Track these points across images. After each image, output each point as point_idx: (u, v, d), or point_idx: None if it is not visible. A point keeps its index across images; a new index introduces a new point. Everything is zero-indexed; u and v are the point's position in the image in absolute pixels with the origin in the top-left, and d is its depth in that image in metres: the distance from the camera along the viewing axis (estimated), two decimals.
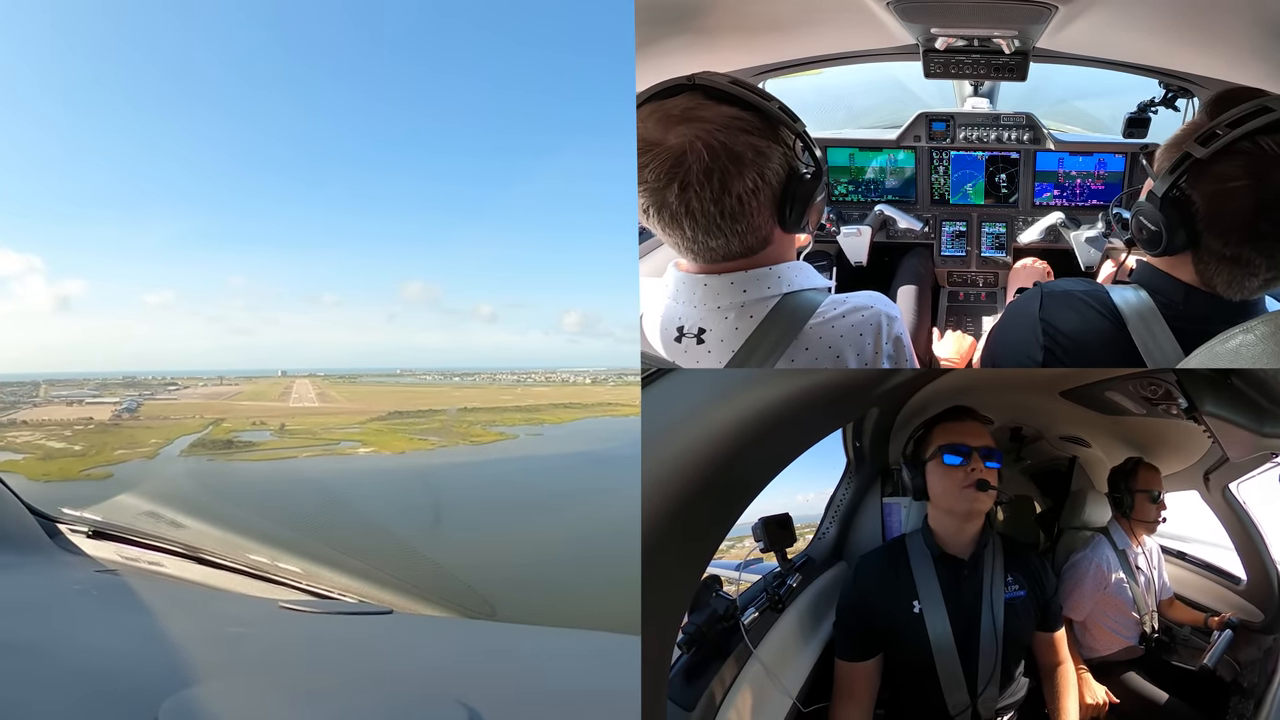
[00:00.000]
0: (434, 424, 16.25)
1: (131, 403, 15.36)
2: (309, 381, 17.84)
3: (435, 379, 19.04)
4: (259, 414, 16.02)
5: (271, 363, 20.90)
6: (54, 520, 1.90)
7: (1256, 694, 1.45)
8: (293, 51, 34.71)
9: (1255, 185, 1.09)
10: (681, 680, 1.16)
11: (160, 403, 16.03)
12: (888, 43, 2.10)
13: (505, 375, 18.75)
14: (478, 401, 17.56)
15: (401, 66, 38.03)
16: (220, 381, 17.49)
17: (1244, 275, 1.15)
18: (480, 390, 18.36)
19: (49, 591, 1.50)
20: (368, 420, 16.15)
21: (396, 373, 19.46)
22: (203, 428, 15.20)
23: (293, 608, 1.49)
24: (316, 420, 16.14)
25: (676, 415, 0.89)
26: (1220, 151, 1.10)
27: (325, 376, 18.22)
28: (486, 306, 30.86)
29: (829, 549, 1.53)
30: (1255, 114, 1.10)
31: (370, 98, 35.21)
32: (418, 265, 34.43)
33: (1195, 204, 1.13)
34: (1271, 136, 1.08)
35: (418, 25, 40.00)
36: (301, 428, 15.67)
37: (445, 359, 27.05)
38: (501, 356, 34.66)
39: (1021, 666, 1.43)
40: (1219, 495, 1.62)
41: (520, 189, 36.60)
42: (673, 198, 1.13)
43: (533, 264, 40.18)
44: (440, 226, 35.40)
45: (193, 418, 15.65)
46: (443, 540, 7.09)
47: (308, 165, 33.82)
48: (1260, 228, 1.10)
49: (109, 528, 1.90)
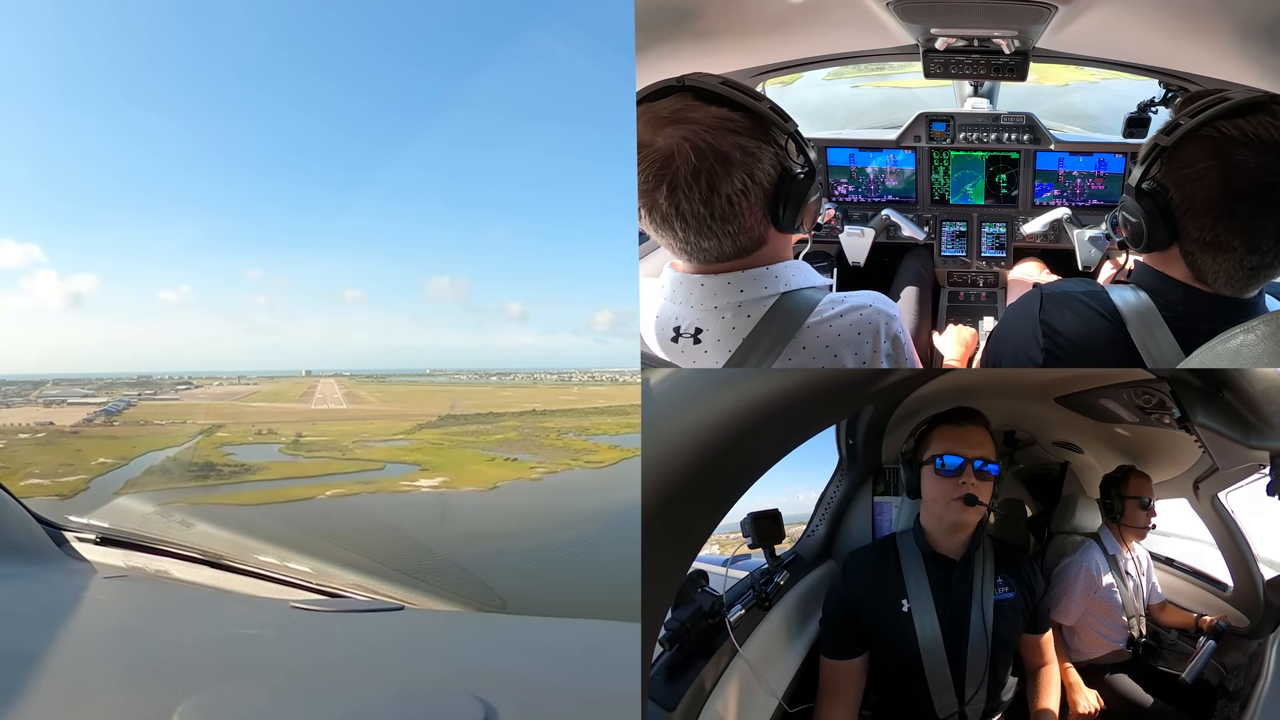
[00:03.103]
0: (504, 432, 12.43)
1: (116, 404, 12.83)
2: (335, 381, 14.81)
3: (471, 378, 16.12)
4: (272, 418, 12.57)
5: (295, 363, 18.55)
6: (60, 528, 1.89)
7: (1242, 697, 1.46)
8: (315, 55, 34.49)
9: (1219, 166, 1.13)
10: (663, 678, 1.16)
11: (158, 404, 13.38)
12: (888, 43, 2.10)
13: (545, 375, 15.68)
14: (535, 402, 13.87)
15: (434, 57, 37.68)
16: (239, 381, 14.91)
17: (1229, 261, 1.17)
18: (530, 390, 14.93)
19: (57, 600, 1.50)
20: (414, 428, 12.43)
21: (427, 372, 16.93)
22: (190, 438, 11.67)
23: (304, 607, 1.50)
24: (345, 428, 12.37)
25: (676, 414, 0.90)
26: (1183, 139, 1.15)
27: (352, 376, 15.29)
28: (516, 305, 30.42)
29: (818, 547, 1.53)
30: (1215, 102, 1.15)
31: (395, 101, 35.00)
32: (444, 261, 33.94)
33: (1169, 192, 1.17)
34: (1229, 120, 1.13)
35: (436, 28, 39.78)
36: (324, 438, 11.79)
37: (472, 358, 26.13)
38: (527, 356, 34.28)
39: (1010, 668, 1.43)
40: (1208, 504, 1.63)
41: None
42: (662, 199, 1.14)
43: (564, 260, 39.30)
44: (470, 223, 35.07)
45: (184, 422, 12.50)
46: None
47: (321, 166, 33.61)
48: (1230, 206, 1.13)
49: (116, 534, 1.90)
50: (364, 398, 14.38)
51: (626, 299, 1.42)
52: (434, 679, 1.11)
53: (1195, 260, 1.19)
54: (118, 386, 13.56)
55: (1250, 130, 1.12)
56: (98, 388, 13.40)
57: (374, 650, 1.30)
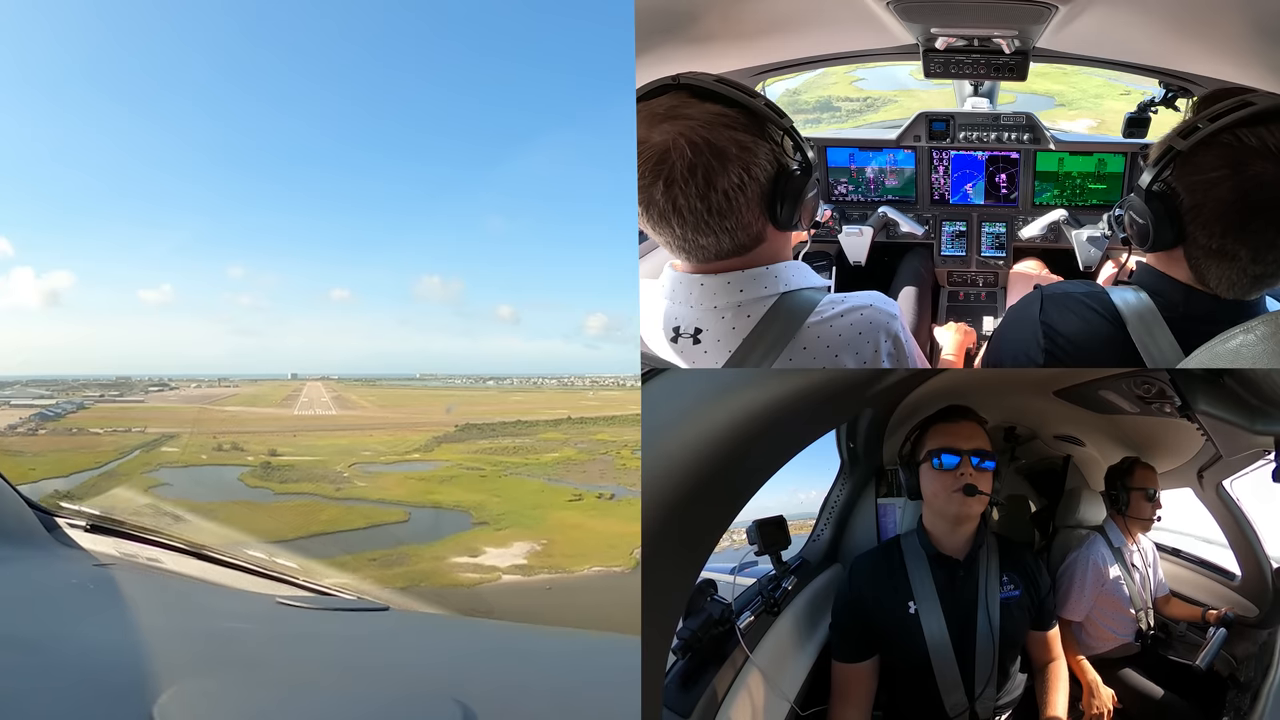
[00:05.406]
0: (554, 447, 9.03)
1: (62, 407, 11.07)
2: (322, 385, 12.84)
3: (465, 382, 14.58)
4: (245, 427, 9.51)
5: (281, 365, 16.77)
6: (52, 514, 1.89)
7: (1253, 688, 1.46)
8: (307, 59, 34.43)
9: (1235, 176, 1.10)
10: (677, 686, 1.17)
11: (115, 407, 11.46)
12: (888, 43, 2.09)
13: (546, 380, 13.81)
14: (554, 408, 11.26)
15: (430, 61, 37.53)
16: (219, 384, 13.16)
17: (1233, 269, 1.16)
18: (539, 395, 12.78)
19: (46, 586, 1.50)
20: (430, 441, 9.45)
21: (417, 376, 15.51)
22: (119, 455, 8.14)
23: (289, 604, 1.49)
24: (337, 442, 9.02)
25: (675, 414, 0.90)
26: (1201, 144, 1.13)
27: (340, 380, 13.43)
28: (507, 307, 30.11)
29: (824, 551, 1.54)
30: (1236, 108, 1.12)
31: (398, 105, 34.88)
32: (435, 261, 33.66)
33: (1180, 196, 1.15)
34: (1251, 129, 1.10)
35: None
36: (308, 456, 8.24)
37: (463, 363, 25.53)
38: (517, 361, 33.89)
39: (1017, 665, 1.44)
40: (1213, 492, 1.64)
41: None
42: (659, 195, 1.14)
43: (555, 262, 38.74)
44: (464, 217, 34.81)
45: (129, 430, 9.59)
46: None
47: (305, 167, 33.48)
48: (1242, 218, 1.12)
49: (107, 522, 1.89)
50: (356, 401, 12.10)
51: (621, 302, 1.38)
52: (414, 680, 1.11)
53: (1199, 265, 1.19)
54: (91, 388, 12.03)
55: (1271, 141, 1.08)
56: (70, 389, 11.91)
57: (357, 649, 1.30)
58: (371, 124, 34.86)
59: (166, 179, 32.68)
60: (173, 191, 32.60)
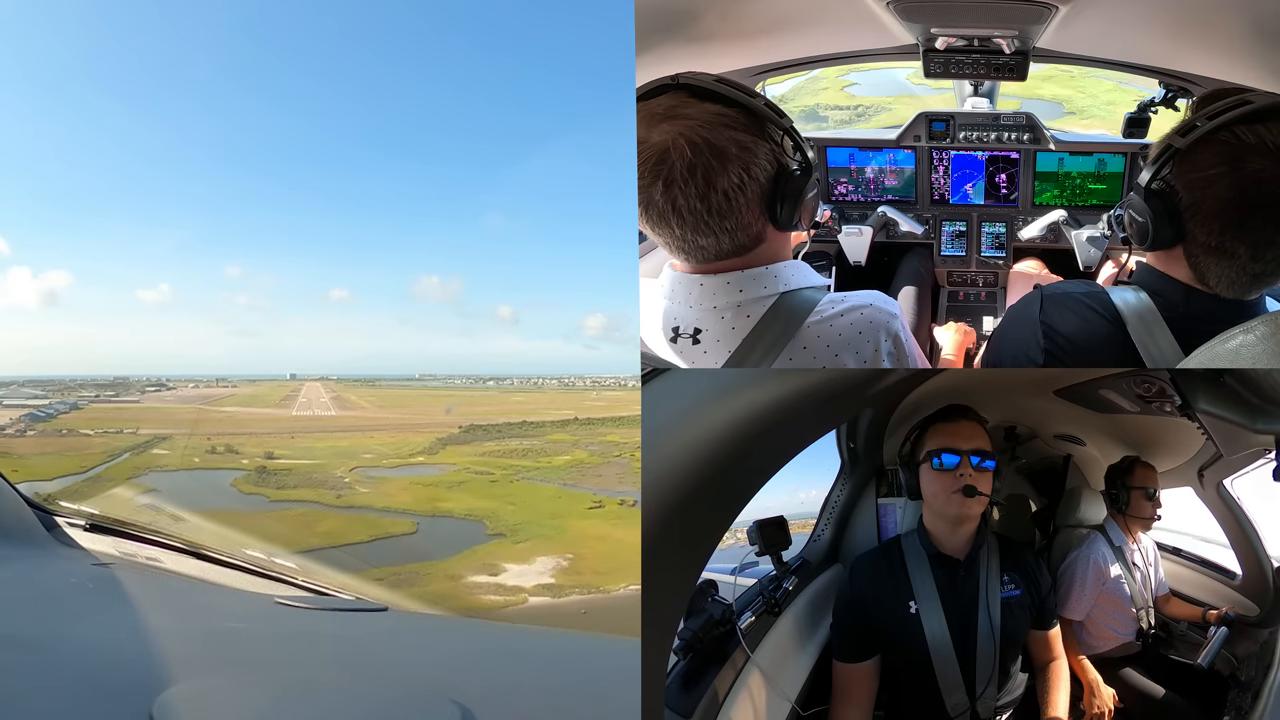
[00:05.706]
0: (563, 450, 8.53)
1: (56, 407, 10.84)
2: (321, 385, 12.79)
3: (465, 383, 14.56)
4: (242, 427, 9.37)
5: (280, 366, 17.06)
6: (51, 513, 1.88)
7: (1254, 687, 1.47)
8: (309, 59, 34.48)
9: (1233, 173, 1.11)
10: (679, 687, 1.17)
11: (110, 407, 11.38)
12: (888, 43, 2.10)
13: (546, 380, 13.60)
14: (558, 409, 10.67)
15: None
16: (217, 384, 13.16)
17: (1232, 267, 1.16)
18: (541, 396, 12.36)
19: (45, 585, 1.50)
20: (434, 444, 9.29)
21: (416, 376, 15.61)
22: (107, 458, 7.71)
23: (288, 603, 1.49)
24: (337, 444, 8.95)
25: (675, 415, 0.90)
26: (1199, 141, 1.13)
27: (339, 380, 13.38)
28: (506, 307, 30.05)
29: (825, 551, 1.54)
30: (1234, 106, 1.12)
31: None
32: (434, 260, 33.72)
33: (1179, 194, 1.16)
34: (1249, 126, 1.10)
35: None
36: (306, 460, 7.95)
37: (462, 363, 25.31)
38: (517, 361, 33.86)
39: (1018, 664, 1.44)
40: (1213, 491, 1.64)
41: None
42: (659, 195, 1.14)
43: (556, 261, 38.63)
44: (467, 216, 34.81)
45: (120, 431, 9.44)
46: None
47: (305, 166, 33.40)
48: (1240, 215, 1.12)
49: (107, 521, 1.88)
50: (355, 402, 11.92)
51: (621, 302, 1.37)
52: (413, 680, 1.11)
53: (1199, 264, 1.19)
54: (88, 389, 11.90)
55: (1269, 138, 1.09)
56: (67, 389, 11.79)
57: (355, 649, 1.30)
58: (371, 122, 34.95)
59: (165, 178, 32.80)
60: (172, 190, 32.71)
